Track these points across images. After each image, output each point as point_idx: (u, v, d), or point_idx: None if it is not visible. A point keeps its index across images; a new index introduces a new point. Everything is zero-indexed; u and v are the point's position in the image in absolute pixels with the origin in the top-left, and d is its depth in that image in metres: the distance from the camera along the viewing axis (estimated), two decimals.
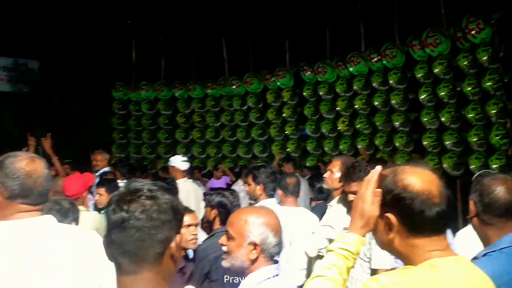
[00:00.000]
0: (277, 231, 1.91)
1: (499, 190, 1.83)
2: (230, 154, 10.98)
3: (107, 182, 4.69)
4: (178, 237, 1.19)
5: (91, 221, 3.74)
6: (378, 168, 1.37)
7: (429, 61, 8.14)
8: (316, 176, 5.55)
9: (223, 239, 1.93)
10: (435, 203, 1.26)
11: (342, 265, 1.32)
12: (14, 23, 12.68)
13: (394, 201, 1.28)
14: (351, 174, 3.09)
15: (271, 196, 3.81)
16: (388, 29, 9.02)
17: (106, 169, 6.05)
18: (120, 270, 1.15)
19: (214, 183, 8.57)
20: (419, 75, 8.27)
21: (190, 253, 3.22)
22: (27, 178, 1.61)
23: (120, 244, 1.13)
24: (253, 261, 1.86)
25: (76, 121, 12.32)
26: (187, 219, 2.88)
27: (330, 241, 3.29)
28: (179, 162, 5.70)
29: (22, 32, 12.65)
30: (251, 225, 1.88)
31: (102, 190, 4.42)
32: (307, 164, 9.46)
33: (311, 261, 3.55)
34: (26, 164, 1.64)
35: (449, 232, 2.67)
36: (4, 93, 13.79)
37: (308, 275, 3.55)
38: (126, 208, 1.13)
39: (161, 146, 11.61)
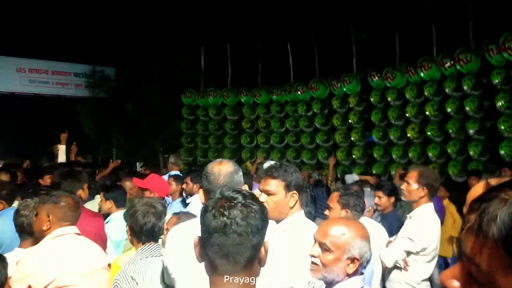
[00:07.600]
0: (369, 243, 1.85)
1: None
2: (294, 159, 11.00)
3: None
4: (267, 243, 1.29)
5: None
6: None
7: (507, 67, 7.73)
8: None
9: (314, 251, 1.81)
10: None
11: None
12: (93, 32, 13.60)
13: None
14: None
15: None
16: (462, 33, 8.66)
17: (173, 172, 6.27)
18: (214, 271, 1.25)
19: None
20: (496, 81, 7.88)
21: None
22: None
23: (220, 247, 1.23)
24: (350, 275, 1.78)
25: (148, 125, 12.90)
26: None
27: (408, 253, 3.27)
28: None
29: (100, 41, 13.54)
30: (352, 239, 1.78)
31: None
32: (374, 172, 9.28)
33: (385, 272, 3.51)
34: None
35: None
36: (82, 98, 14.78)
37: (383, 286, 3.52)
38: (227, 214, 1.23)
39: (226, 150, 11.87)
